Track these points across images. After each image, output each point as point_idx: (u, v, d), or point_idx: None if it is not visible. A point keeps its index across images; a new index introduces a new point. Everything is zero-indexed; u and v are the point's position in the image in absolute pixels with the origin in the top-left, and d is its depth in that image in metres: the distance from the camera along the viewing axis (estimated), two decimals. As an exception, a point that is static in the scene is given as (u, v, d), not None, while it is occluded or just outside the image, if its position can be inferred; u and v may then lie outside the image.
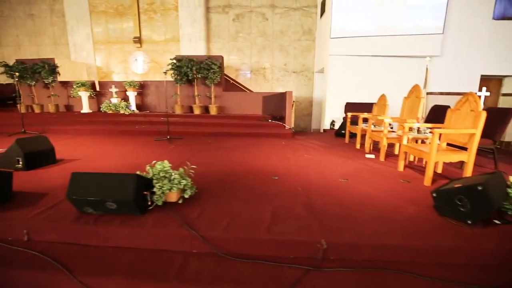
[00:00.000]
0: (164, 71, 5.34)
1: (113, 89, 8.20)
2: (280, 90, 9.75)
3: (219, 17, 9.52)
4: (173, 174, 2.33)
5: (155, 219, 2.05)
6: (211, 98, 8.03)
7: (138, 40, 9.68)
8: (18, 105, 8.53)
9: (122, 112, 7.94)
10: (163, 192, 2.24)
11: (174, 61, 7.78)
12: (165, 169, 2.32)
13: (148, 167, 2.47)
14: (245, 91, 9.24)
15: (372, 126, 4.75)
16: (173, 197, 2.33)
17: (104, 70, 10.20)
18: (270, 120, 7.51)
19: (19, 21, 10.28)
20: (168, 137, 5.54)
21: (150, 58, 9.93)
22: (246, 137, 6.05)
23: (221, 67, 7.80)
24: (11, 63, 10.23)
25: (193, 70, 7.62)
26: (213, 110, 7.94)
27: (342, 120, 7.69)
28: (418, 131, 3.76)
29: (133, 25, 9.65)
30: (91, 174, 2.10)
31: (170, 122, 7.15)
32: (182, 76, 7.77)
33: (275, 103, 8.18)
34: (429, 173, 2.98)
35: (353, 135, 5.86)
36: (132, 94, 8.15)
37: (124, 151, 4.54)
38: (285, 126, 6.94)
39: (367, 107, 7.47)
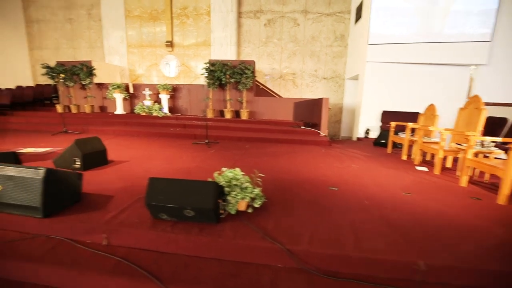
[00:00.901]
0: (204, 74, 5.38)
1: (147, 92, 8.35)
2: (310, 96, 9.62)
3: (250, 22, 9.55)
4: (244, 182, 2.26)
5: (233, 229, 1.98)
6: (243, 102, 8.01)
7: (170, 44, 9.87)
8: (57, 105, 8.89)
9: (155, 114, 8.06)
10: (236, 201, 2.17)
11: (208, 65, 7.84)
12: (237, 177, 2.25)
13: (215, 174, 2.42)
14: (274, 96, 9.18)
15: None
16: (242, 205, 2.26)
17: (136, 73, 10.45)
18: (303, 127, 7.39)
19: (59, 25, 10.74)
20: (207, 141, 5.53)
21: (181, 62, 10.08)
22: (282, 144, 5.96)
23: (253, 72, 7.79)
24: (50, 65, 10.71)
25: (226, 75, 7.64)
26: (244, 115, 7.92)
27: (379, 129, 7.47)
28: (482, 145, 3.53)
29: (166, 29, 9.86)
30: (169, 180, 2.06)
31: (202, 126, 7.19)
32: (215, 80, 7.81)
33: (307, 109, 8.06)
34: (505, 191, 2.77)
35: (395, 145, 5.65)
36: (164, 97, 8.27)
37: (167, 154, 4.55)
38: (319, 133, 6.79)
39: (406, 116, 7.22)
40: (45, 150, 4.59)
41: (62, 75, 7.48)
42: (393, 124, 5.46)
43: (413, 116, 7.37)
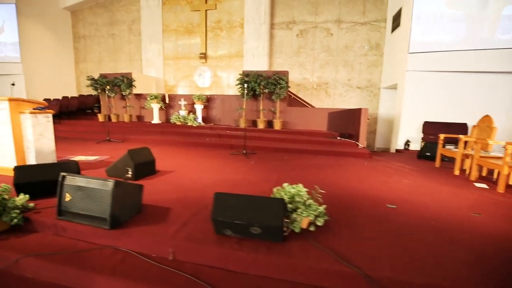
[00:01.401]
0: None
1: (182, 102, 8.60)
2: (343, 106, 9.38)
3: (282, 33, 9.61)
4: (308, 199, 2.17)
5: (302, 249, 1.88)
6: (276, 113, 7.98)
7: (204, 55, 10.17)
8: (98, 114, 9.42)
9: (189, 124, 8.25)
10: (301, 219, 2.07)
11: (242, 75, 7.93)
12: (300, 193, 2.17)
13: (275, 190, 2.35)
14: (306, 106, 9.06)
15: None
16: (304, 223, 2.15)
17: (170, 84, 10.86)
18: (339, 138, 7.18)
19: (102, 40, 11.52)
20: (244, 151, 5.52)
21: (214, 73, 10.32)
22: (320, 155, 5.79)
23: (287, 82, 7.76)
24: (94, 77, 11.45)
25: (260, 85, 7.67)
26: (277, 125, 7.86)
27: (420, 141, 7.07)
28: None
29: (200, 42, 10.19)
30: (235, 195, 2.02)
31: (237, 136, 7.23)
32: (248, 90, 7.87)
33: (342, 120, 7.85)
34: None
35: (443, 159, 5.28)
36: (199, 107, 8.46)
37: (209, 164, 4.57)
38: (358, 144, 6.55)
39: (450, 127, 6.78)
40: (94, 159, 4.81)
41: (108, 87, 7.93)
42: (442, 136, 5.12)
43: (458, 128, 6.91)
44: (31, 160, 3.59)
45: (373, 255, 1.84)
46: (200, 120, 8.44)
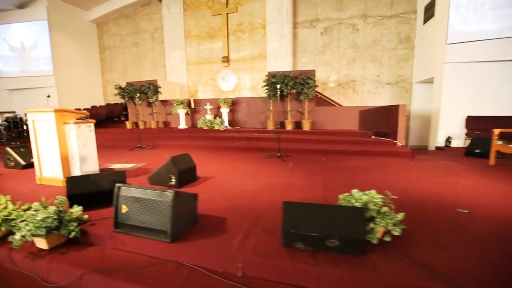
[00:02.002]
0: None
1: (208, 106, 8.58)
2: (372, 103, 9.00)
3: (306, 32, 9.39)
4: (382, 206, 1.96)
5: (385, 262, 1.67)
6: (304, 113, 7.76)
7: (226, 59, 10.14)
8: (126, 122, 9.60)
9: (216, 128, 8.20)
10: (378, 229, 1.87)
11: (267, 77, 7.78)
12: (374, 200, 1.96)
13: (341, 196, 2.15)
14: (334, 105, 8.77)
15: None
16: (380, 233, 1.94)
17: (193, 88, 10.92)
18: (373, 137, 6.85)
19: (127, 50, 11.82)
20: (279, 154, 5.34)
21: (237, 76, 10.26)
22: (357, 155, 5.51)
23: (315, 81, 7.52)
24: (121, 85, 11.74)
25: (288, 86, 7.49)
26: (306, 126, 7.63)
27: (464, 137, 6.60)
28: None
29: (222, 46, 10.17)
30: (307, 205, 1.85)
31: (266, 138, 7.08)
32: (275, 92, 7.71)
33: (375, 118, 7.49)
34: None
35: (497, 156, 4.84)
36: (225, 111, 8.40)
37: (247, 169, 4.43)
38: (396, 143, 6.19)
39: (498, 121, 6.26)
40: (131, 166, 4.81)
41: (138, 94, 8.08)
42: (496, 131, 4.69)
43: (507, 121, 6.37)
44: (76, 170, 3.61)
45: (457, 269, 1.60)
46: (226, 123, 8.37)
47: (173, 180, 3.35)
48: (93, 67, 12.15)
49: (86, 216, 2.41)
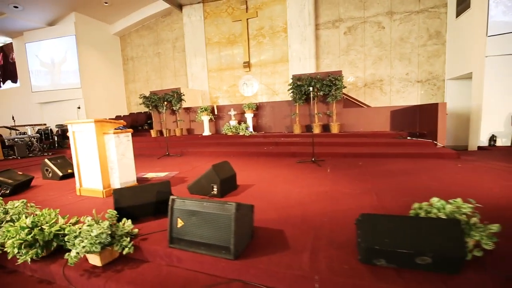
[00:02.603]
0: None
1: (232, 112, 8.51)
2: (401, 103, 8.61)
3: (328, 33, 9.18)
4: (471, 217, 1.72)
5: (482, 281, 1.43)
6: (331, 115, 7.52)
7: (248, 64, 10.08)
8: (151, 130, 9.70)
9: (241, 133, 8.10)
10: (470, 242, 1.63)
11: (291, 80, 7.62)
12: (462, 210, 1.72)
13: (416, 205, 1.93)
14: (361, 106, 8.45)
15: None
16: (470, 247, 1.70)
17: (215, 95, 10.93)
18: (409, 138, 6.49)
19: (149, 60, 12.06)
20: (313, 159, 5.13)
21: (259, 80, 10.17)
22: (396, 158, 5.19)
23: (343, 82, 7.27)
24: (145, 95, 11.96)
25: (314, 88, 7.28)
26: (335, 129, 7.37)
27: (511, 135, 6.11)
28: None
29: (243, 51, 10.14)
30: (386, 217, 1.65)
31: (295, 143, 6.88)
32: (301, 95, 7.53)
33: (408, 118, 7.14)
34: None
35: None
36: (249, 116, 8.29)
37: (286, 175, 4.25)
38: (436, 144, 5.82)
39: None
40: (165, 175, 4.76)
41: (166, 102, 8.19)
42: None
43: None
44: (115, 181, 3.58)
45: None
46: (251, 129, 8.25)
47: (215, 189, 3.23)
48: (117, 78, 12.48)
49: (136, 230, 2.31)
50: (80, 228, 2.11)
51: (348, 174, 4.12)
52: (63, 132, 10.39)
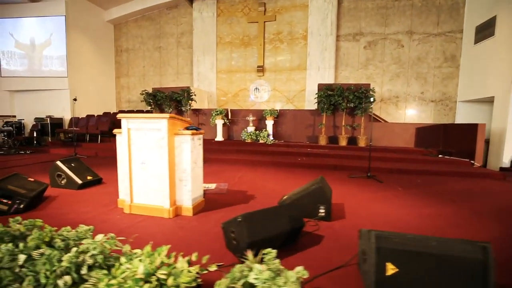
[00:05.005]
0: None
1: (250, 118, 7.91)
2: (416, 120, 8.76)
3: (348, 45, 9.11)
4: None
5: None
6: (357, 128, 7.32)
7: (261, 68, 9.59)
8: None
9: (261, 141, 7.53)
10: None
11: (324, 89, 7.31)
12: None
13: None
14: (379, 120, 8.42)
15: None
16: None
17: (223, 98, 10.21)
18: (440, 155, 6.49)
19: (147, 53, 10.95)
20: (369, 174, 4.76)
21: (272, 87, 9.72)
22: (442, 176, 5.07)
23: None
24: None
25: (346, 99, 7.04)
26: (362, 142, 7.16)
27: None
28: None
29: (257, 54, 9.64)
30: None
31: (327, 155, 6.50)
32: (329, 105, 7.23)
33: (433, 135, 7.19)
34: None
35: None
36: (270, 123, 7.77)
37: (358, 193, 3.80)
38: (473, 163, 5.85)
39: None
40: (215, 186, 4.03)
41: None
42: None
43: None
44: (185, 197, 2.81)
45: None
46: (271, 137, 7.71)
47: (322, 210, 2.66)
48: (108, 70, 11.11)
49: (305, 273, 1.66)
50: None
51: (419, 194, 3.81)
52: (42, 127, 8.82)
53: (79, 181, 3.77)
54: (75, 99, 6.61)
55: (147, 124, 2.75)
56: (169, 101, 8.43)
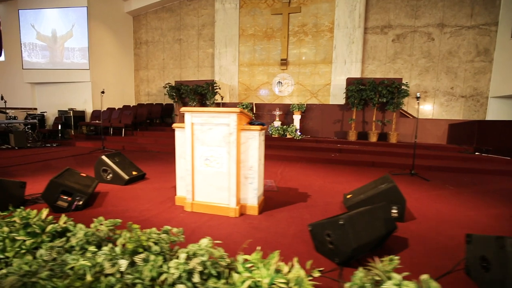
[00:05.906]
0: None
1: (277, 112, 7.78)
2: (444, 116, 8.54)
3: (376, 38, 8.85)
4: None
5: None
6: (388, 124, 7.14)
7: (285, 62, 9.39)
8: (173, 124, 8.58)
9: (289, 136, 7.40)
10: None
11: (356, 83, 7.12)
12: None
13: None
14: (407, 116, 8.22)
15: None
16: None
17: (245, 91, 10.06)
18: (477, 153, 6.30)
19: (167, 46, 10.80)
20: (412, 171, 4.62)
21: (296, 80, 9.53)
22: (489, 175, 4.89)
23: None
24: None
25: (379, 94, 6.85)
26: (393, 138, 7.00)
27: None
28: None
29: (281, 47, 9.43)
30: None
31: (353, 150, 6.36)
32: (359, 100, 7.06)
33: (467, 132, 6.99)
34: None
35: None
36: (297, 118, 7.63)
37: (403, 192, 3.67)
38: (516, 162, 5.65)
39: None
40: (264, 184, 3.92)
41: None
42: None
43: None
44: (251, 196, 2.72)
45: None
46: (299, 132, 7.58)
47: (395, 211, 2.55)
48: (127, 63, 11.00)
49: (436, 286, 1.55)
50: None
51: (476, 193, 3.67)
52: (66, 120, 8.80)
53: (126, 177, 3.70)
54: (103, 92, 6.52)
55: (214, 119, 2.64)
56: (193, 95, 8.32)
